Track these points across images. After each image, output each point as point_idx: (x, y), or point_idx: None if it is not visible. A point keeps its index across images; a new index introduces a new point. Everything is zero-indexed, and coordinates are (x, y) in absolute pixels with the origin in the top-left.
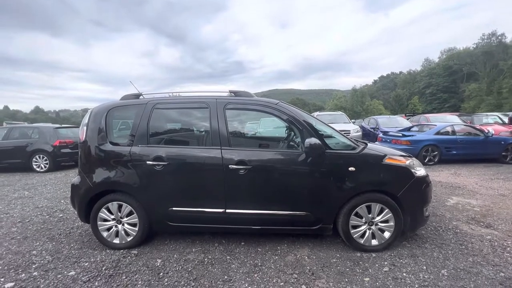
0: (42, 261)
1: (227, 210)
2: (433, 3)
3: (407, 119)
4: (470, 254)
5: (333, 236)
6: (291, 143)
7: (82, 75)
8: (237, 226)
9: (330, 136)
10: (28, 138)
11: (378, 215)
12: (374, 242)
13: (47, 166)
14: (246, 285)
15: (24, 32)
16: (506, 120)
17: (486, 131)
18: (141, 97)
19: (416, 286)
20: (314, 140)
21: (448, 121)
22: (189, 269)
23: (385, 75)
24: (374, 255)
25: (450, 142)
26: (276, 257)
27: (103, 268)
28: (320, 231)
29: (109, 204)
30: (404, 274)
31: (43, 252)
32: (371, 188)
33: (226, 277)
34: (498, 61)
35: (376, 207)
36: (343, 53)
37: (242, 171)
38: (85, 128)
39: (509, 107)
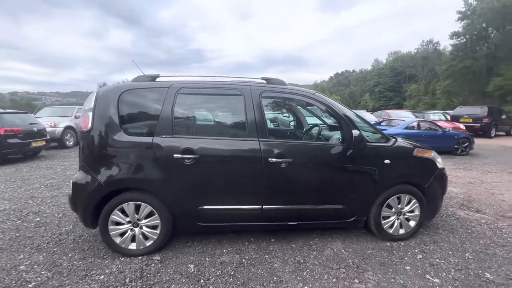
0: (39, 278)
1: (264, 207)
2: (381, 8)
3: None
4: (479, 237)
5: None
6: (320, 135)
7: (13, 53)
8: (273, 222)
9: (363, 129)
10: None
11: (406, 205)
12: (401, 231)
13: None
14: (301, 285)
15: None
16: (448, 117)
17: (444, 127)
18: (157, 79)
19: (453, 271)
20: (357, 132)
21: (403, 117)
22: (231, 273)
23: (340, 72)
24: (402, 243)
25: (416, 136)
26: (315, 253)
27: (127, 280)
28: (354, 224)
29: (124, 205)
30: (437, 260)
31: (35, 266)
32: (403, 180)
33: (275, 278)
34: (434, 66)
35: (405, 198)
36: (302, 49)
37: (283, 164)
38: (90, 114)
39: (441, 106)
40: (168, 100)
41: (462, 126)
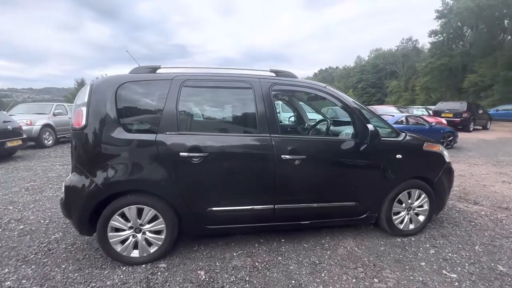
0: None
1: (277, 206)
2: (363, 6)
3: None
4: (483, 230)
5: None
6: (325, 129)
7: None
8: (285, 222)
9: (374, 123)
10: None
11: (416, 200)
12: (411, 226)
13: None
14: (321, 287)
15: None
16: (431, 112)
17: (430, 122)
18: (158, 71)
19: (467, 265)
20: (372, 127)
21: (389, 113)
22: (246, 278)
23: (323, 69)
24: (413, 239)
25: (406, 130)
26: (329, 252)
27: None
28: (366, 220)
29: (125, 209)
30: (450, 254)
31: (24, 281)
32: (414, 174)
33: (293, 281)
34: (414, 63)
35: (415, 193)
36: (286, 45)
37: (297, 161)
38: (84, 109)
39: (420, 102)
40: (172, 93)
41: (444, 120)
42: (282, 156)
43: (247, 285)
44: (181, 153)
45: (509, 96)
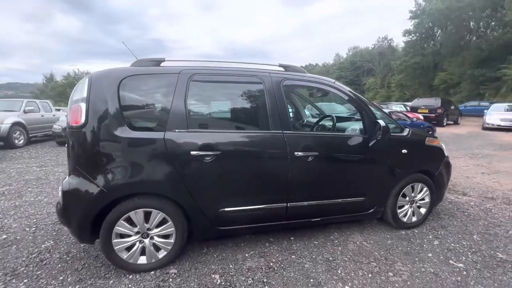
0: None
1: (289, 204)
2: (341, 5)
3: None
4: (476, 219)
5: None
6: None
7: None
8: (296, 220)
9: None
10: None
11: (418, 193)
12: (414, 219)
13: None
14: (341, 285)
15: None
16: (408, 108)
17: (411, 117)
18: (162, 64)
19: (469, 254)
20: (383, 123)
21: None
22: (264, 280)
23: (304, 65)
24: (416, 231)
25: None
26: (340, 248)
27: None
28: (373, 215)
29: (131, 213)
30: (452, 244)
31: None
32: (418, 169)
33: (312, 280)
34: (389, 61)
35: (418, 186)
36: (266, 42)
37: (310, 158)
38: (83, 105)
39: (395, 98)
40: (179, 88)
41: (421, 116)
42: (295, 153)
43: (266, 287)
44: (192, 152)
45: (475, 93)
